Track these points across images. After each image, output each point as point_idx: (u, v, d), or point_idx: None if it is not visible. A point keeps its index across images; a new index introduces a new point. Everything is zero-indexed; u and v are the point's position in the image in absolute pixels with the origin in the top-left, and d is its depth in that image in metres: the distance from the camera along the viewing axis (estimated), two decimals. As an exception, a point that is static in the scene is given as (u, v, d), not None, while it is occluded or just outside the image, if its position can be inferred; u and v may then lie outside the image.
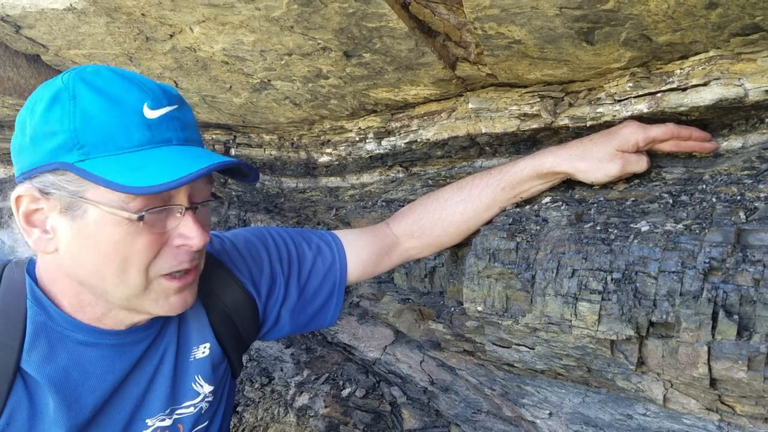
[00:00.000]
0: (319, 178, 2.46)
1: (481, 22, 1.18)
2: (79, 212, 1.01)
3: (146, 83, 1.05)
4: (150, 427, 1.24)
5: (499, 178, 1.50)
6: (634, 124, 1.33)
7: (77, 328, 1.11)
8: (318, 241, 1.54)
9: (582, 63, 1.29)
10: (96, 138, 0.98)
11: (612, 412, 1.38)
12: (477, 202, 1.52)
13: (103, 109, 0.99)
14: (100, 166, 0.97)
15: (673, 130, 1.31)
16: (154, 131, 1.02)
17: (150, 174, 0.96)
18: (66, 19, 1.57)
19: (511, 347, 1.47)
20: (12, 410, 1.07)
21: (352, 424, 2.39)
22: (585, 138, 1.41)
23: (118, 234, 1.01)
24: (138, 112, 1.01)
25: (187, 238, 1.07)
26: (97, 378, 1.13)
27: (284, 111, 2.00)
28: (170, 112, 1.05)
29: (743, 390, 1.09)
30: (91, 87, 1.00)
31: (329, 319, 1.55)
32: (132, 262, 1.04)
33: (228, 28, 1.43)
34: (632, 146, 1.33)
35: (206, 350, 1.31)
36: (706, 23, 1.05)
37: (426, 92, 1.65)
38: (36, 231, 1.05)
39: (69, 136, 0.97)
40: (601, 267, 1.23)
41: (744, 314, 1.06)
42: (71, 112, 0.98)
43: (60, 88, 1.00)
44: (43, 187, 1.01)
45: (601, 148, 1.35)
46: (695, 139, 1.32)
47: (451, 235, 1.58)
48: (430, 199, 1.61)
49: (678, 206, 1.27)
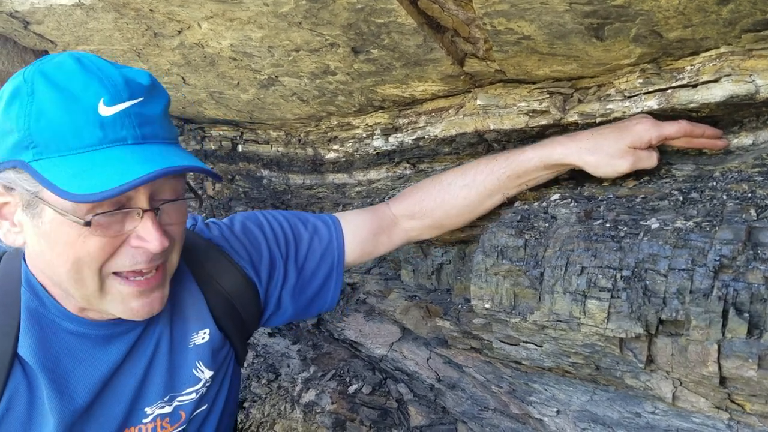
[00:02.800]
0: (326, 175, 2.46)
1: (490, 17, 1.18)
2: (37, 210, 1.00)
3: (110, 76, 1.00)
4: (150, 415, 1.24)
5: (505, 165, 1.47)
6: (648, 121, 1.31)
7: (66, 317, 1.12)
8: (315, 221, 1.54)
9: (592, 59, 1.28)
10: (48, 137, 0.95)
11: (620, 410, 1.38)
12: (481, 188, 1.50)
13: (57, 107, 0.95)
14: (49, 168, 0.95)
15: (686, 127, 1.28)
16: (107, 130, 0.97)
17: (93, 180, 0.93)
18: (74, 14, 1.57)
19: (518, 345, 1.46)
20: (11, 395, 1.08)
21: (358, 420, 2.39)
22: (596, 130, 1.38)
23: (69, 235, 1.00)
24: (92, 110, 0.96)
25: (144, 240, 1.04)
26: (88, 367, 1.14)
27: (291, 107, 2.00)
28: (129, 108, 0.99)
29: (753, 388, 1.08)
30: (49, 82, 0.97)
31: (329, 302, 1.54)
32: (84, 263, 1.02)
33: (236, 24, 1.43)
34: (645, 144, 1.31)
35: (206, 336, 1.31)
36: (717, 19, 1.05)
37: (434, 88, 1.65)
38: (6, 224, 1.05)
39: (23, 134, 0.95)
40: (611, 264, 1.22)
41: (754, 312, 1.05)
42: (27, 109, 0.95)
43: (20, 83, 0.98)
44: (7, 183, 1.00)
45: (612, 144, 1.33)
46: (707, 137, 1.31)
47: (452, 219, 1.57)
48: (434, 182, 1.58)
49: (688, 203, 1.26)
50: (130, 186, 0.93)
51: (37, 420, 1.11)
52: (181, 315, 1.29)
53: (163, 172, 0.96)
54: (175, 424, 1.29)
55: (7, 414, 1.08)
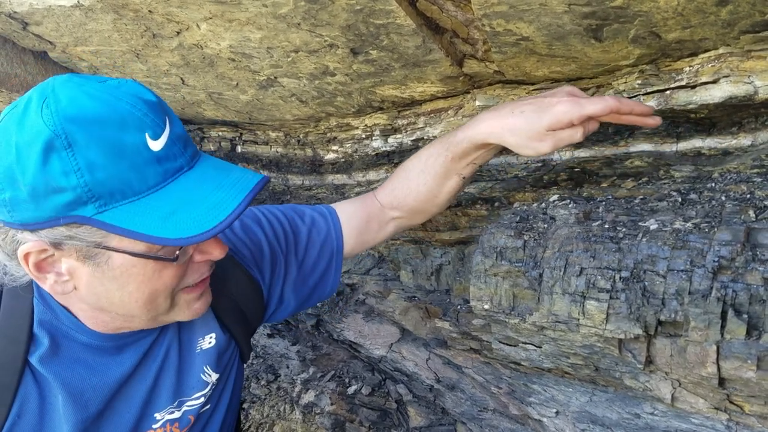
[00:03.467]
0: (325, 176, 2.46)
1: (489, 18, 1.18)
2: (101, 259, 0.97)
3: (135, 105, 0.93)
4: (159, 420, 1.25)
5: (446, 147, 1.41)
6: (569, 101, 1.20)
7: (81, 330, 1.11)
8: (311, 213, 1.53)
9: (590, 60, 1.28)
10: (110, 187, 0.90)
11: (619, 411, 1.38)
12: (433, 172, 1.45)
13: (108, 155, 0.89)
14: (123, 217, 0.91)
15: (612, 104, 1.17)
16: (164, 164, 0.95)
17: (189, 220, 0.92)
18: (73, 15, 1.57)
19: (518, 345, 1.46)
20: (23, 401, 1.08)
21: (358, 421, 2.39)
22: (517, 105, 1.27)
23: (145, 274, 0.99)
24: (144, 148, 0.92)
25: (209, 253, 1.06)
26: (101, 375, 1.14)
27: (290, 108, 2.00)
28: (171, 135, 0.96)
29: (752, 389, 1.08)
30: (84, 129, 0.89)
31: (329, 289, 1.54)
32: (160, 293, 1.04)
33: (235, 25, 1.42)
34: (565, 125, 1.21)
35: (212, 340, 1.32)
36: (716, 20, 1.05)
37: (433, 89, 1.65)
38: (50, 276, 0.99)
39: (81, 191, 0.89)
40: (610, 265, 1.22)
41: (753, 313, 1.05)
42: (74, 165, 0.88)
43: (49, 135, 0.87)
44: (54, 240, 0.94)
45: (530, 126, 1.23)
46: (636, 114, 1.21)
47: (424, 204, 1.52)
48: (401, 170, 1.55)
49: (687, 204, 1.26)
50: (232, 219, 0.94)
51: (49, 427, 1.11)
52: (188, 321, 1.29)
53: (249, 200, 0.97)
54: (185, 428, 1.30)
55: (19, 420, 1.08)
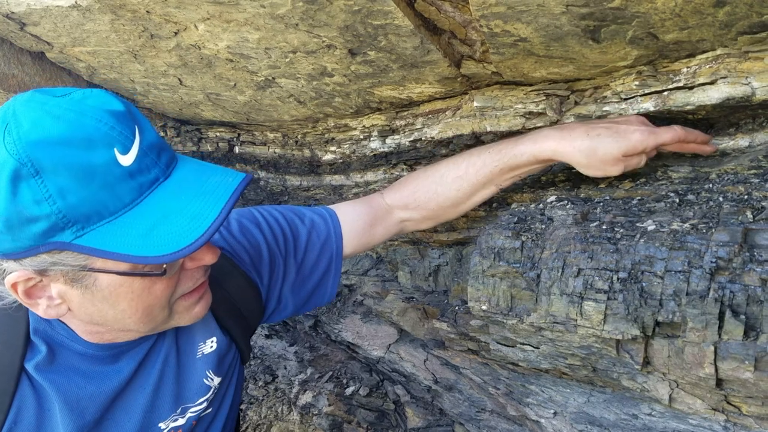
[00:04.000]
0: (323, 176, 2.45)
1: (486, 19, 1.18)
2: (88, 281, 0.95)
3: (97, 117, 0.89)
4: (164, 429, 1.24)
5: (498, 159, 1.45)
6: (645, 130, 1.28)
7: (76, 339, 1.11)
8: (311, 216, 1.53)
9: (588, 61, 1.28)
10: (84, 211, 0.88)
11: (617, 412, 1.38)
12: (473, 180, 1.49)
13: (77, 178, 0.86)
14: (102, 239, 0.89)
15: (681, 134, 1.28)
16: (138, 178, 0.91)
17: (168, 235, 0.90)
18: (71, 16, 1.57)
19: (515, 346, 1.46)
20: (19, 408, 1.08)
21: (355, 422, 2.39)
22: (591, 128, 1.33)
23: (134, 291, 0.99)
24: (114, 165, 0.88)
25: (201, 260, 1.05)
26: (98, 384, 1.13)
27: (288, 109, 2.00)
28: (141, 146, 0.92)
29: (750, 390, 1.08)
30: (48, 153, 0.85)
31: (328, 295, 1.54)
32: (154, 306, 1.04)
33: (233, 25, 1.42)
34: (639, 152, 1.30)
35: (213, 344, 1.31)
36: (713, 21, 1.05)
37: (431, 90, 1.65)
38: (42, 301, 0.98)
39: (55, 218, 0.86)
40: (607, 266, 1.22)
41: (751, 314, 1.06)
42: (44, 193, 0.85)
43: (15, 165, 0.84)
44: (39, 267, 0.92)
45: (606, 150, 1.29)
46: (698, 142, 1.32)
47: (446, 210, 1.56)
48: (427, 173, 1.58)
49: (685, 205, 1.26)
50: (214, 229, 0.91)
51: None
52: (186, 327, 1.28)
53: (231, 205, 0.94)
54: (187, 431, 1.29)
55: (15, 427, 1.08)
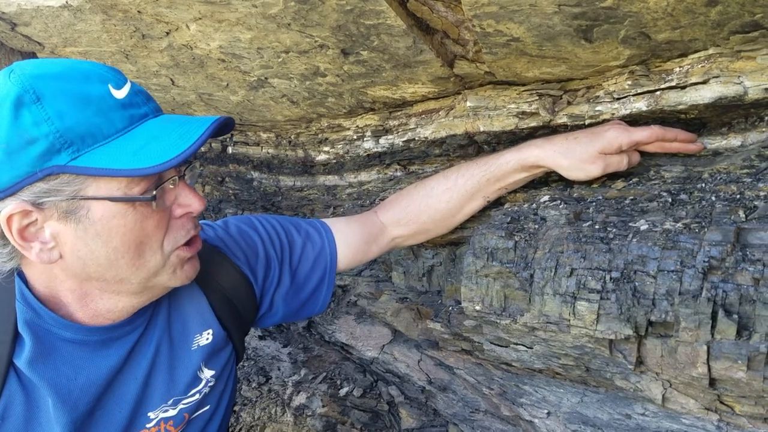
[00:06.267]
0: (316, 177, 2.45)
1: (479, 19, 1.17)
2: (81, 213, 0.98)
3: (95, 65, 1.02)
4: (153, 419, 1.24)
5: (485, 169, 1.50)
6: (619, 127, 1.33)
7: (64, 326, 1.10)
8: (307, 227, 1.54)
9: (580, 61, 1.28)
10: (80, 132, 0.95)
11: (610, 412, 1.38)
12: (462, 191, 1.53)
13: (75, 103, 0.95)
14: (97, 159, 0.95)
15: (658, 132, 1.30)
16: (129, 110, 1.01)
17: (154, 152, 0.96)
18: (62, 16, 1.56)
19: (509, 346, 1.46)
20: (7, 403, 1.07)
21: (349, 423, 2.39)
22: (571, 134, 1.40)
23: (127, 223, 1.01)
24: (108, 96, 0.99)
25: (187, 205, 1.09)
26: (88, 373, 1.12)
27: (281, 109, 2.00)
28: (132, 88, 1.03)
29: (742, 390, 1.08)
30: (49, 82, 0.95)
31: (320, 306, 1.55)
32: (147, 245, 1.05)
33: (224, 25, 1.42)
34: (615, 149, 1.33)
35: (209, 336, 1.31)
36: (705, 21, 1.05)
37: (424, 90, 1.65)
38: (35, 245, 1.00)
39: (53, 138, 0.93)
40: (600, 266, 1.22)
41: (743, 313, 1.06)
42: (44, 114, 0.93)
43: (18, 92, 0.93)
44: (35, 199, 0.96)
45: (584, 149, 1.35)
46: (680, 141, 1.32)
47: (437, 223, 1.59)
48: (417, 188, 1.62)
49: (677, 205, 1.26)
50: (197, 145, 0.97)
51: (36, 430, 1.10)
52: (180, 317, 1.28)
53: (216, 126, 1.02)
54: (179, 425, 1.29)
55: (3, 424, 1.07)
